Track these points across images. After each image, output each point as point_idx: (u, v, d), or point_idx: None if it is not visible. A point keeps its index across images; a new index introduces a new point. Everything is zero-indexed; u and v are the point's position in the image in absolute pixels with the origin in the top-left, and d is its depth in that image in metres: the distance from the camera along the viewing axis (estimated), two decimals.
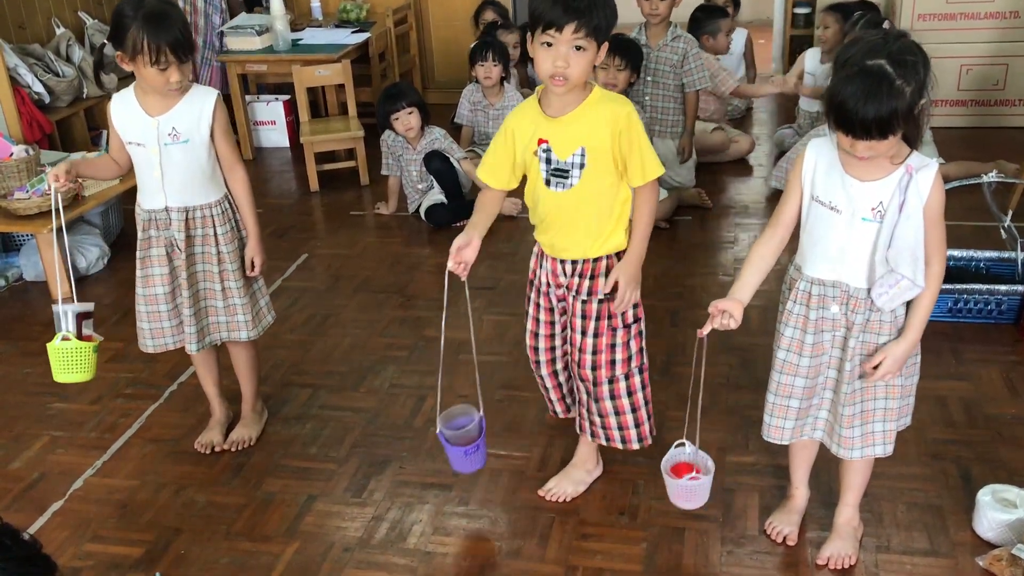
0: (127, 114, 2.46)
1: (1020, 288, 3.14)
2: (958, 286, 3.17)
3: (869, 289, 1.95)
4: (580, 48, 1.97)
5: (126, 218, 4.38)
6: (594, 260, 2.21)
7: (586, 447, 2.49)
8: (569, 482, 2.50)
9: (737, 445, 2.64)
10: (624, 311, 2.24)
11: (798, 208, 2.01)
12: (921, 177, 1.84)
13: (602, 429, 2.37)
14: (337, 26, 5.77)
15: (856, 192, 1.89)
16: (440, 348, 2.45)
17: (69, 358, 2.37)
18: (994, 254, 3.35)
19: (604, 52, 2.05)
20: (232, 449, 2.77)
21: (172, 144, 2.44)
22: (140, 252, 2.57)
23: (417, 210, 4.42)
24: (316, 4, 6.09)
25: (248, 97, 5.59)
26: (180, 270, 2.55)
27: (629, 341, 2.27)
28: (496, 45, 4.77)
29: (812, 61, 4.92)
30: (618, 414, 2.33)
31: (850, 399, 2.04)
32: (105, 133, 5.16)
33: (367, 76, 5.63)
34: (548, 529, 2.39)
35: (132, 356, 3.31)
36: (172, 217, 2.51)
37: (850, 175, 1.89)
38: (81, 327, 2.40)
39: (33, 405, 3.08)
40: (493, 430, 2.80)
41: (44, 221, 3.69)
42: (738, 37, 5.64)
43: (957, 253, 3.37)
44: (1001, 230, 3.37)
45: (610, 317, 2.24)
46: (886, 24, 4.32)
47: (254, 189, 2.63)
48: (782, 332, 2.07)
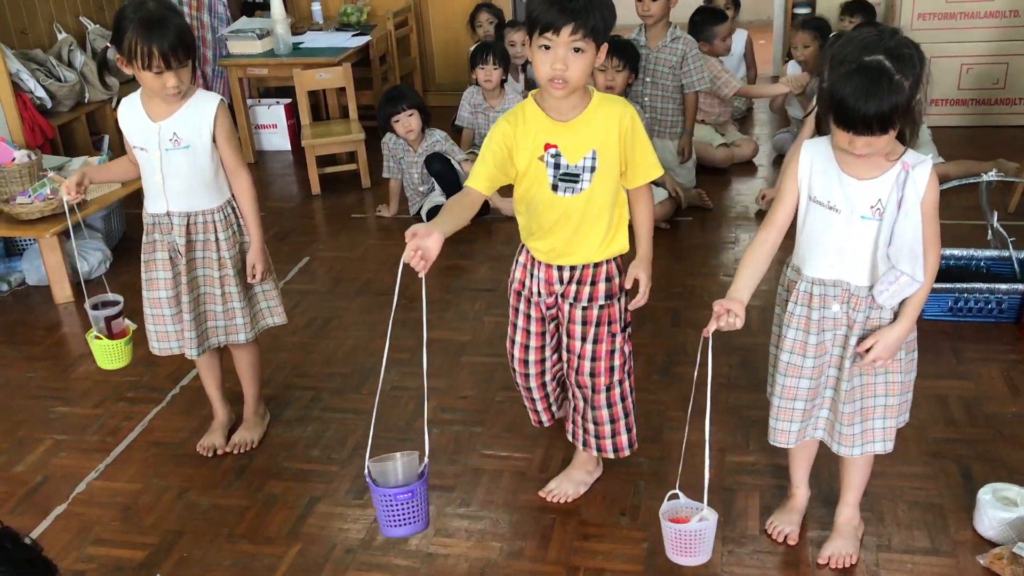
0: (132, 118, 2.47)
1: (1020, 287, 3.14)
2: (959, 285, 3.17)
3: (870, 287, 1.96)
4: (579, 50, 1.95)
5: (128, 222, 4.39)
6: (595, 265, 2.21)
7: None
8: (570, 483, 2.50)
9: (737, 445, 2.65)
10: (620, 314, 2.26)
11: (793, 209, 2.01)
12: (917, 173, 1.85)
13: (595, 439, 2.37)
14: (338, 29, 5.77)
15: (854, 191, 1.90)
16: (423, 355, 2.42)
17: (104, 352, 2.61)
18: (994, 253, 3.34)
19: (603, 53, 2.03)
20: (234, 452, 2.78)
21: (173, 149, 2.44)
22: (145, 256, 2.57)
23: (418, 212, 4.43)
24: (317, 7, 6.10)
25: (249, 101, 5.60)
26: (181, 275, 2.56)
27: (623, 346, 2.30)
28: (496, 48, 4.78)
29: (795, 73, 4.90)
30: (613, 421, 2.34)
31: (849, 396, 2.05)
32: (107, 137, 5.18)
33: (368, 79, 5.64)
34: (549, 530, 2.39)
35: (134, 360, 3.30)
36: (173, 222, 2.51)
37: (847, 174, 1.90)
38: (111, 326, 2.59)
39: (36, 409, 3.09)
40: (494, 431, 2.81)
41: (46, 225, 3.70)
42: (739, 38, 5.63)
43: (958, 252, 3.37)
44: (988, 230, 3.37)
45: (609, 323, 2.25)
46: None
47: (256, 193, 2.62)
48: (784, 334, 2.07)
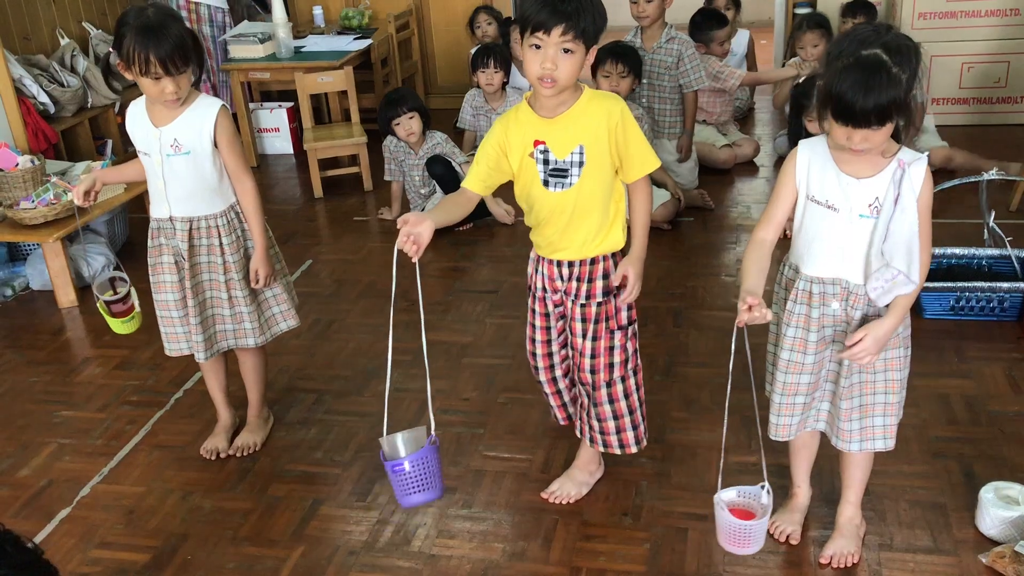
0: (137, 123, 2.49)
1: (1022, 286, 3.13)
2: (960, 284, 3.17)
3: (867, 284, 1.96)
4: (568, 51, 1.98)
5: (131, 226, 4.40)
6: (591, 263, 2.23)
7: (588, 449, 2.50)
8: (572, 484, 2.51)
9: (739, 445, 2.65)
10: (620, 311, 2.25)
11: (791, 207, 2.02)
12: (913, 171, 1.86)
13: (600, 435, 2.38)
14: (339, 33, 5.79)
15: (852, 190, 1.90)
16: (424, 350, 2.43)
17: (110, 320, 2.78)
18: (996, 252, 3.34)
19: (593, 55, 2.06)
20: (238, 455, 2.79)
21: (174, 155, 2.45)
22: (151, 259, 2.59)
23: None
24: (318, 11, 6.11)
25: (252, 105, 5.62)
26: (187, 279, 2.57)
27: (626, 343, 2.29)
28: (497, 50, 4.79)
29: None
30: (616, 418, 2.34)
31: (848, 393, 2.05)
32: (110, 142, 5.20)
33: (370, 82, 5.65)
34: (552, 531, 2.40)
35: (138, 363, 3.33)
36: (176, 227, 2.52)
37: (845, 173, 1.91)
38: (112, 310, 2.75)
39: (40, 413, 3.10)
40: (496, 432, 2.81)
41: (50, 231, 3.72)
42: (741, 38, 5.63)
43: (959, 251, 3.37)
44: (984, 229, 3.37)
45: (608, 319, 2.26)
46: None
47: (260, 197, 2.61)
48: (784, 333, 2.07)
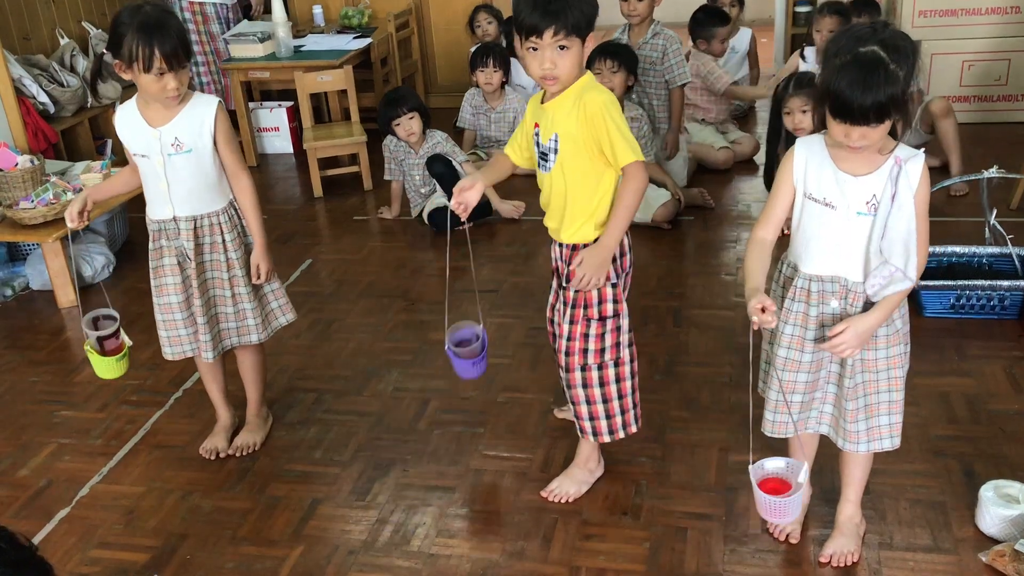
0: (130, 126, 2.48)
1: (1022, 284, 3.13)
2: (961, 282, 3.16)
3: (865, 281, 1.96)
4: (564, 47, 2.09)
5: (132, 226, 4.40)
6: (572, 248, 2.29)
7: (587, 445, 2.50)
8: (571, 482, 2.51)
9: (740, 444, 2.64)
10: (605, 303, 2.27)
11: (789, 206, 2.02)
12: (911, 168, 1.86)
13: (576, 419, 2.43)
14: (339, 32, 5.79)
15: (850, 188, 1.90)
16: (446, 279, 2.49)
17: (99, 363, 2.61)
18: (996, 250, 3.34)
19: (592, 43, 2.15)
20: (237, 454, 2.79)
21: (176, 154, 2.46)
22: (153, 262, 2.58)
23: (420, 214, 4.44)
24: (318, 10, 6.11)
25: (251, 104, 5.61)
26: (192, 279, 2.57)
27: (604, 334, 2.31)
28: (496, 50, 4.78)
29: (812, 59, 4.90)
30: (589, 403, 2.37)
31: (853, 393, 2.05)
32: (110, 142, 5.20)
33: (369, 81, 5.64)
34: (551, 530, 2.40)
35: (137, 363, 3.32)
36: (181, 227, 2.53)
37: (843, 171, 1.91)
38: (104, 346, 2.59)
39: (40, 413, 3.11)
40: (496, 432, 2.81)
41: (49, 230, 3.71)
42: (743, 36, 5.63)
43: (959, 249, 3.37)
44: (985, 227, 3.37)
45: (586, 307, 2.29)
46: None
47: (258, 195, 2.63)
48: (782, 330, 2.07)
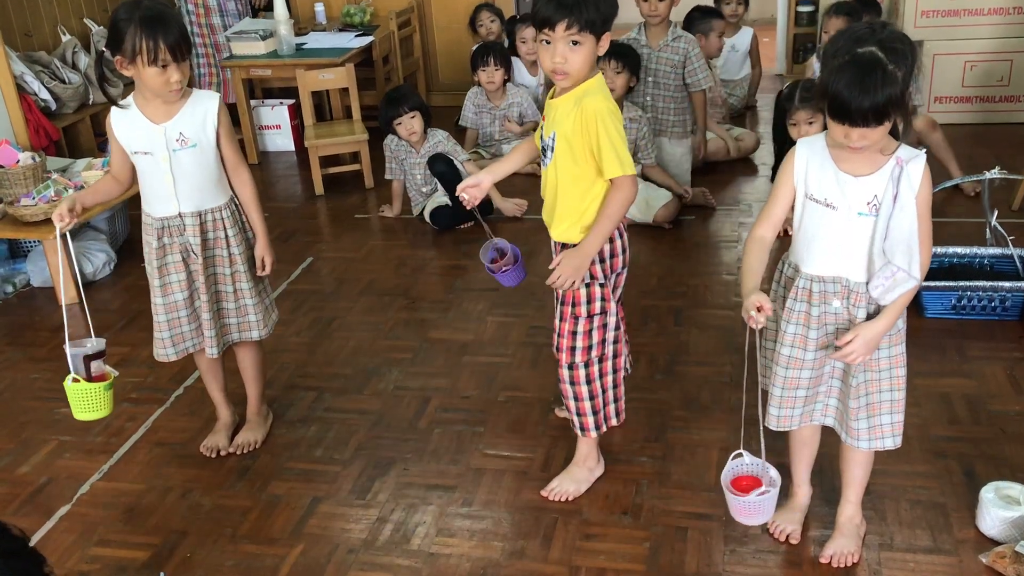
0: (131, 125, 2.47)
1: None
2: (962, 283, 3.16)
3: (869, 282, 1.96)
4: (576, 43, 2.09)
5: (132, 224, 4.40)
6: (562, 246, 2.32)
7: (585, 443, 2.50)
8: (571, 481, 2.51)
9: (740, 444, 2.64)
10: (594, 301, 2.31)
11: (789, 206, 2.02)
12: (912, 168, 1.86)
13: (566, 411, 2.48)
14: (341, 30, 5.78)
15: (851, 188, 1.90)
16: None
17: (82, 398, 2.40)
18: (997, 251, 3.33)
19: (606, 42, 2.14)
20: (238, 452, 2.79)
21: (181, 150, 2.46)
22: (156, 261, 2.57)
23: (421, 213, 4.43)
24: (320, 8, 6.10)
25: (253, 101, 5.61)
26: (197, 275, 2.57)
27: (591, 331, 2.34)
28: (497, 49, 4.77)
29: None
30: (576, 399, 2.42)
31: (856, 392, 2.05)
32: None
33: (371, 79, 5.64)
34: (551, 529, 2.40)
35: (138, 361, 3.33)
36: (186, 223, 2.53)
37: (844, 171, 1.90)
38: (90, 368, 2.42)
39: (41, 410, 3.10)
40: (496, 431, 2.81)
41: (50, 227, 3.69)
42: (744, 35, 5.63)
43: (961, 250, 3.36)
44: (987, 228, 3.36)
45: (574, 305, 2.32)
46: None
47: (259, 193, 2.65)
48: (784, 330, 2.07)
